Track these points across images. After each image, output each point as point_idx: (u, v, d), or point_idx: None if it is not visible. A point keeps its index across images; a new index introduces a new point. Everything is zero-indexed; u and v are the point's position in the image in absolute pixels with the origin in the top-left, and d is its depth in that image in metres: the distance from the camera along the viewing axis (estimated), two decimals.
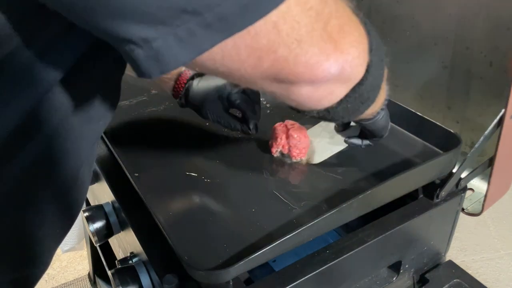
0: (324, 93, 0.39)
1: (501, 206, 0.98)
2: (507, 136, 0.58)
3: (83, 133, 0.42)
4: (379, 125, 0.57)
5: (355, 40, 0.37)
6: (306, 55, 0.34)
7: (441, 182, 0.65)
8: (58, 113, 0.38)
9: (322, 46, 0.34)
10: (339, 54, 0.36)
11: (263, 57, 0.32)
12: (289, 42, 0.32)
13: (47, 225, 0.46)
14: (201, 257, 0.49)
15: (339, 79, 0.38)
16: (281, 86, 0.37)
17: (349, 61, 0.37)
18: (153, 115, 0.80)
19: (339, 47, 0.35)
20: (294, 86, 0.37)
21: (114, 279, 0.55)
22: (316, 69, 0.35)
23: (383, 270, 0.67)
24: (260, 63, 0.33)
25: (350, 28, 0.37)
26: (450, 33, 0.76)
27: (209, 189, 0.61)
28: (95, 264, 1.28)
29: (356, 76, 0.40)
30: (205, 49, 0.30)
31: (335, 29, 0.35)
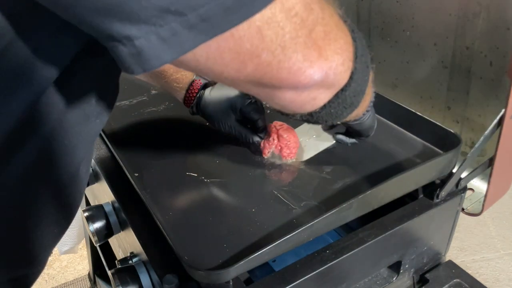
0: (307, 98, 0.40)
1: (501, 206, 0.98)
2: (507, 136, 0.58)
3: (81, 132, 0.42)
4: (364, 126, 0.59)
5: (339, 48, 0.38)
6: (289, 61, 0.34)
7: (441, 182, 0.65)
8: (55, 112, 0.38)
9: (306, 53, 0.35)
10: (323, 61, 0.36)
11: (247, 61, 0.33)
12: (273, 48, 0.33)
13: (44, 224, 0.46)
14: (201, 257, 0.49)
15: (322, 85, 0.38)
16: (265, 90, 0.38)
17: (333, 68, 0.37)
18: (153, 115, 0.80)
19: (323, 54, 0.36)
20: (277, 91, 0.38)
21: (114, 279, 0.55)
22: (299, 75, 0.35)
23: (383, 270, 0.67)
24: (243, 67, 0.33)
25: (336, 35, 0.37)
26: (450, 33, 0.76)
27: (209, 189, 0.61)
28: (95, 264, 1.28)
29: (340, 82, 0.40)
30: (187, 49, 0.30)
31: (320, 36, 0.35)
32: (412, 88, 0.88)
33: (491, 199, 0.65)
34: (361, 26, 0.95)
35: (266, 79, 0.35)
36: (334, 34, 0.37)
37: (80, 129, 0.42)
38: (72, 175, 0.44)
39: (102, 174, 0.70)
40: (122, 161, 0.65)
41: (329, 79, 0.38)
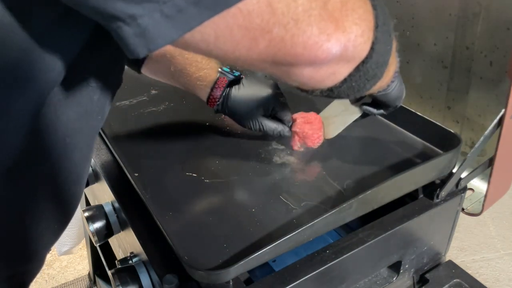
0: (327, 74, 0.38)
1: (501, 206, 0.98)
2: (507, 136, 0.58)
3: (82, 129, 0.42)
4: (391, 97, 0.56)
5: (358, 18, 0.36)
6: (304, 35, 0.33)
7: (441, 182, 0.65)
8: (57, 109, 0.38)
9: (322, 26, 0.33)
10: (340, 33, 0.34)
11: (258, 37, 0.31)
12: (285, 22, 0.31)
13: (45, 220, 0.46)
14: (201, 257, 0.49)
15: (341, 59, 0.36)
16: (281, 68, 0.36)
17: (351, 40, 0.36)
18: (153, 115, 0.80)
19: (340, 26, 0.34)
20: (295, 68, 0.36)
21: (114, 279, 0.55)
22: (316, 50, 0.34)
23: (383, 270, 0.67)
24: (255, 44, 0.32)
25: (353, 4, 0.35)
26: (450, 33, 0.76)
27: (209, 189, 0.61)
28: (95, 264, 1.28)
29: (360, 54, 0.38)
30: (193, 26, 0.29)
31: (336, 7, 0.33)
32: (412, 88, 0.88)
33: (491, 199, 0.65)
34: None
35: (281, 56, 0.34)
36: (352, 3, 0.35)
37: (81, 126, 0.42)
38: (72, 172, 0.44)
39: (102, 174, 0.70)
40: (122, 161, 0.65)
41: (349, 52, 0.36)
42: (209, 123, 0.76)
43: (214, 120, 0.77)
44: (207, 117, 0.78)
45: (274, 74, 0.38)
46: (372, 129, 0.75)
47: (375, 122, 0.76)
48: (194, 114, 0.80)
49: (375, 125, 0.76)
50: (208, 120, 0.77)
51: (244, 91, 0.67)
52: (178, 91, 0.87)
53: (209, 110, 0.70)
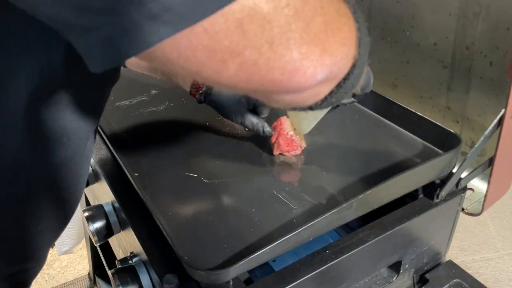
0: (309, 97, 0.36)
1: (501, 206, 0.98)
2: (507, 136, 0.58)
3: (80, 128, 0.42)
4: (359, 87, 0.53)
5: (344, 37, 0.33)
6: (281, 60, 0.29)
7: (441, 182, 0.65)
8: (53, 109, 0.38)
9: (305, 50, 0.30)
10: (327, 57, 0.31)
11: (227, 60, 0.28)
12: (258, 44, 0.28)
13: (45, 220, 0.46)
14: (201, 257, 0.49)
15: (325, 82, 0.34)
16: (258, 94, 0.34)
17: (337, 62, 0.33)
18: (153, 115, 0.80)
19: (327, 48, 0.31)
20: (274, 94, 0.34)
21: (114, 279, 0.55)
22: (298, 76, 0.31)
23: (383, 270, 0.67)
24: (223, 67, 0.28)
25: (339, 23, 0.32)
26: (450, 33, 0.76)
27: (209, 189, 0.61)
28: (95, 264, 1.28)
29: (343, 73, 0.36)
30: (151, 44, 0.25)
31: (320, 28, 0.30)
32: (412, 88, 0.88)
33: (491, 199, 0.65)
34: None
35: (256, 82, 0.30)
36: (337, 21, 0.32)
37: (79, 126, 0.42)
38: (72, 172, 0.44)
39: (102, 174, 0.70)
40: (122, 161, 0.65)
41: (333, 74, 0.34)
42: (209, 123, 0.76)
43: (214, 120, 0.77)
44: (207, 117, 0.78)
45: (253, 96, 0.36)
46: (372, 129, 0.75)
47: (375, 122, 0.76)
48: (194, 114, 0.80)
49: (375, 125, 0.76)
50: (208, 120, 0.77)
51: None
52: (178, 91, 0.87)
53: (209, 110, 0.70)
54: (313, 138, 0.72)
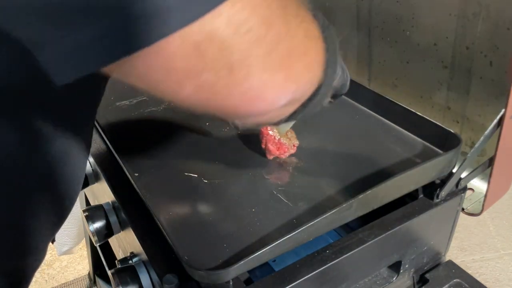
0: (272, 117, 0.35)
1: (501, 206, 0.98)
2: (507, 136, 0.58)
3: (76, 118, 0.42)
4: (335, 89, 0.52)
5: (309, 62, 0.32)
6: (241, 86, 0.28)
7: (441, 182, 0.64)
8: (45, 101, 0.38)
9: (267, 78, 0.28)
10: (289, 84, 0.30)
11: (183, 81, 0.27)
12: (217, 68, 0.26)
13: (43, 213, 0.46)
14: (201, 257, 0.49)
15: (287, 105, 0.33)
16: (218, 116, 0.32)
17: (300, 87, 0.32)
18: (153, 115, 0.80)
19: (291, 75, 0.30)
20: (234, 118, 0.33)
21: (114, 279, 0.55)
22: (257, 102, 0.30)
23: (383, 270, 0.67)
24: (179, 88, 0.27)
25: (305, 47, 0.31)
26: (450, 33, 0.76)
27: (209, 189, 0.61)
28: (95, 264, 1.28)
29: (307, 95, 0.35)
30: (102, 64, 0.25)
31: (284, 54, 0.29)
32: (412, 88, 0.88)
33: (491, 199, 0.65)
34: (361, 26, 0.95)
35: (213, 105, 0.30)
36: (304, 46, 0.31)
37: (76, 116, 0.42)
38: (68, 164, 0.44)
39: (102, 174, 0.70)
40: (122, 161, 0.65)
41: (296, 98, 0.33)
42: (209, 123, 0.76)
43: (214, 120, 0.77)
44: (207, 117, 0.78)
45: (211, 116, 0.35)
46: (372, 129, 0.75)
47: (375, 122, 0.76)
48: (195, 114, 0.80)
49: (375, 125, 0.76)
50: (208, 120, 0.77)
51: None
52: None
53: None
54: (313, 138, 0.72)
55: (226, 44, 0.26)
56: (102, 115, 0.78)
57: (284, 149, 0.65)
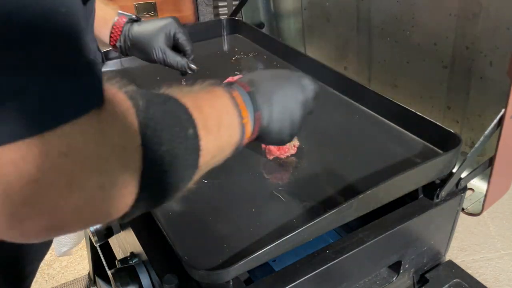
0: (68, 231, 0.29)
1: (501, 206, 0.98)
2: (507, 136, 0.58)
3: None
4: (268, 141, 0.51)
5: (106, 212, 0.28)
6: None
7: (441, 182, 0.64)
8: None
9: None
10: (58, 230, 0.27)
11: None
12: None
13: None
14: (201, 257, 0.49)
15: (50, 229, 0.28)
16: None
17: (64, 229, 0.28)
18: None
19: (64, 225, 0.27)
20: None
21: (114, 279, 0.55)
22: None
23: (383, 270, 0.67)
24: None
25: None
26: (450, 33, 0.76)
27: (209, 189, 0.61)
28: (95, 264, 1.28)
29: (118, 215, 0.30)
30: None
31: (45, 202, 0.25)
32: (412, 88, 0.88)
33: (491, 199, 0.65)
34: (361, 26, 0.95)
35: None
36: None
37: None
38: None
39: None
40: None
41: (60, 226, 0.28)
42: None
43: None
44: None
45: None
46: (372, 129, 0.75)
47: (375, 122, 0.76)
48: None
49: (375, 125, 0.76)
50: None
51: (144, 24, 0.71)
52: None
53: None
54: (313, 138, 0.72)
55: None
56: None
57: (284, 149, 0.66)
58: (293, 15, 1.16)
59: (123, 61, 0.98)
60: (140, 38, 0.70)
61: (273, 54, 1.01)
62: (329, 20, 1.04)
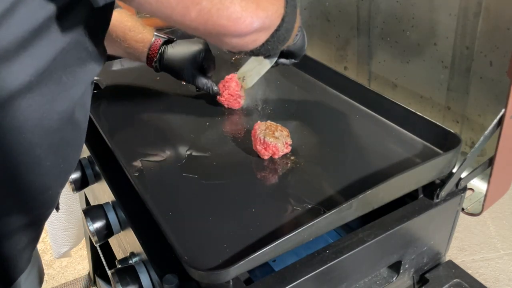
0: (250, 41, 0.49)
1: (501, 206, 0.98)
2: (507, 136, 0.58)
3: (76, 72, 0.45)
4: (296, 48, 0.68)
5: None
6: (227, 10, 0.42)
7: (441, 182, 0.65)
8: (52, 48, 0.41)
9: (244, 5, 0.43)
10: (260, 11, 0.45)
11: (189, 6, 0.40)
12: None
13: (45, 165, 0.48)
14: (201, 257, 0.49)
15: (261, 30, 0.48)
16: (213, 37, 0.47)
17: (269, 16, 0.47)
18: (153, 116, 0.80)
19: (260, 5, 0.45)
20: (223, 37, 0.46)
21: (114, 279, 0.55)
22: (239, 23, 0.44)
23: (383, 270, 0.67)
24: (187, 12, 0.41)
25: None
26: (450, 33, 0.76)
27: (209, 190, 0.61)
28: (95, 264, 1.28)
29: (275, 25, 0.51)
30: None
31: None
32: (412, 88, 0.88)
33: (491, 199, 0.65)
34: (361, 26, 0.95)
35: (210, 25, 0.43)
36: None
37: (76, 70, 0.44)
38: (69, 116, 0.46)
39: (102, 174, 0.70)
40: (122, 161, 0.65)
41: (266, 25, 0.48)
42: (209, 123, 0.76)
43: (214, 120, 0.77)
44: (207, 117, 0.78)
45: (209, 40, 0.50)
46: (372, 129, 0.75)
47: (375, 122, 0.76)
48: (194, 115, 0.80)
49: (375, 125, 0.76)
50: (208, 121, 0.77)
51: (177, 47, 0.79)
52: (178, 91, 0.87)
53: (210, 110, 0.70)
54: (313, 138, 0.73)
55: None
56: (103, 116, 0.78)
57: (272, 148, 0.65)
58: None
59: (123, 61, 0.98)
60: (173, 60, 0.78)
61: None
62: (329, 20, 1.04)
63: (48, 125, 0.44)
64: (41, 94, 0.42)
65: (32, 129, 0.43)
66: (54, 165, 0.48)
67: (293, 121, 0.77)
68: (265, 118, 0.72)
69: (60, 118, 0.45)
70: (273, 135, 0.66)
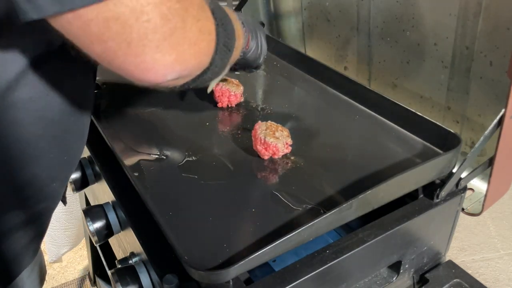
0: (168, 85, 0.43)
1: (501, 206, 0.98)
2: (507, 136, 0.58)
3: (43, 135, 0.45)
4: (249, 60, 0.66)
5: (198, 51, 0.40)
6: (136, 58, 0.36)
7: (441, 182, 0.65)
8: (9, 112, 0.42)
9: (159, 57, 0.37)
10: (177, 65, 0.39)
11: (94, 42, 0.36)
12: (119, 40, 0.35)
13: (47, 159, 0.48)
14: (201, 257, 0.49)
15: (177, 79, 0.41)
16: (123, 75, 0.41)
17: (188, 68, 0.40)
18: (153, 117, 0.80)
19: (179, 58, 0.38)
20: (135, 81, 0.41)
21: (114, 279, 0.55)
22: (149, 75, 0.38)
23: (383, 270, 0.67)
24: (92, 47, 0.36)
25: (197, 39, 0.40)
26: (450, 33, 0.76)
27: (209, 189, 0.61)
28: (95, 264, 1.28)
29: (195, 74, 0.45)
30: (48, 14, 0.33)
31: (177, 42, 0.37)
32: (412, 88, 0.88)
33: (491, 199, 0.65)
34: (361, 26, 0.95)
35: (116, 67, 0.38)
36: (195, 38, 0.39)
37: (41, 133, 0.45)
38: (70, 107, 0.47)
39: (102, 174, 0.70)
40: (122, 161, 0.65)
41: (184, 75, 0.41)
42: (209, 123, 0.76)
43: (214, 120, 0.77)
44: (207, 117, 0.78)
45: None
46: (372, 129, 0.75)
47: (375, 122, 0.76)
48: (194, 115, 0.80)
49: (375, 125, 0.76)
50: (208, 121, 0.77)
51: None
52: (178, 91, 0.87)
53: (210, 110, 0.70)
54: (313, 138, 0.72)
55: (128, 24, 0.34)
56: (103, 116, 0.78)
57: (272, 148, 0.65)
58: (293, 15, 1.16)
59: None
60: None
61: (273, 54, 1.01)
62: (329, 20, 1.04)
63: (51, 117, 0.44)
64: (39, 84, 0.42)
65: (35, 121, 0.43)
66: (58, 157, 0.49)
67: (293, 121, 0.77)
68: (265, 118, 0.72)
69: (61, 109, 0.45)
70: (274, 135, 0.66)
